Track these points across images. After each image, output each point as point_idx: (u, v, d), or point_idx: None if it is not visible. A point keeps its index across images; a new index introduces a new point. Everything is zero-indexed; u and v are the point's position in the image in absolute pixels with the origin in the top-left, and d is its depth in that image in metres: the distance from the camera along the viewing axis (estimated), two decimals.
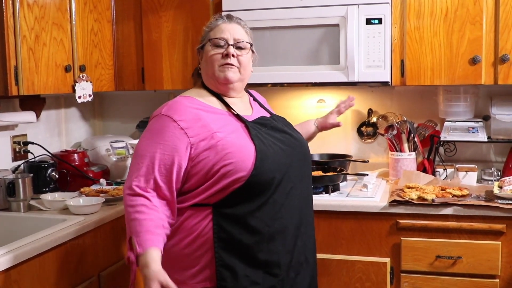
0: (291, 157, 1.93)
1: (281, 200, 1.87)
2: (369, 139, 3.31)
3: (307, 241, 1.99)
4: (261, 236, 1.84)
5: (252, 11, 2.86)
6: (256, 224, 1.83)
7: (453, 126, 3.02)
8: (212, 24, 2.01)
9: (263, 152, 1.84)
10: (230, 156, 1.80)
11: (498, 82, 2.72)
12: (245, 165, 1.80)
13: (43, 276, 2.10)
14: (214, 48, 1.96)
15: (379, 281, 2.57)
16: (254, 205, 1.83)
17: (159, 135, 1.84)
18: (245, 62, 1.98)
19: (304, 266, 1.98)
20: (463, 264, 2.49)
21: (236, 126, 1.90)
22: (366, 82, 2.82)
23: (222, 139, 1.82)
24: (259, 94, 2.25)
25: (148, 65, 3.15)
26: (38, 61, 2.57)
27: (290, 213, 1.91)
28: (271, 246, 1.86)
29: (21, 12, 2.46)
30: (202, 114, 1.88)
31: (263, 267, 1.86)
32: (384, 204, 2.56)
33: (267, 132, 1.94)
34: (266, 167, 1.82)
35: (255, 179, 1.80)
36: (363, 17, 2.76)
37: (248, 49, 2.00)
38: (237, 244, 1.83)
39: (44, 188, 2.84)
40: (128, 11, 3.16)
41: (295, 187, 1.92)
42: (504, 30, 2.68)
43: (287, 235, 1.90)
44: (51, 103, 3.25)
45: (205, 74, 2.01)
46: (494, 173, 2.95)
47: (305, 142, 2.09)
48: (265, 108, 2.13)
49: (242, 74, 1.99)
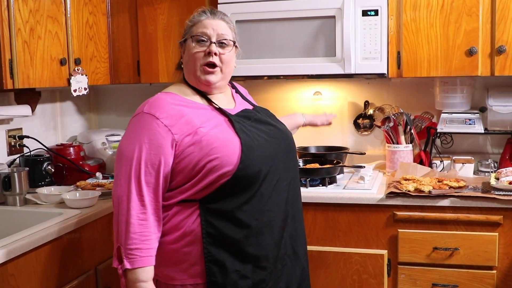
0: (277, 149, 1.91)
1: (268, 193, 1.85)
2: (366, 131, 3.31)
3: (294, 233, 1.97)
4: (250, 230, 1.83)
5: (248, 3, 2.85)
6: (244, 218, 1.81)
7: (450, 118, 3.02)
8: (195, 19, 1.96)
9: (249, 145, 1.81)
10: (215, 151, 1.77)
11: (494, 74, 2.72)
12: (230, 159, 1.77)
13: (39, 270, 2.09)
14: (196, 45, 1.92)
15: (376, 273, 2.58)
16: (241, 199, 1.81)
17: (142, 134, 1.79)
18: (227, 60, 1.93)
19: (292, 258, 1.96)
20: (460, 255, 2.50)
21: (219, 121, 1.87)
22: (363, 74, 2.82)
23: (206, 134, 1.79)
24: (241, 86, 2.22)
25: (144, 58, 3.14)
26: (33, 54, 2.55)
27: (277, 205, 1.89)
28: (259, 239, 1.84)
29: (16, 5, 2.44)
30: (184, 110, 1.85)
31: (252, 261, 1.84)
32: (381, 196, 2.57)
33: (251, 125, 1.91)
34: (252, 160, 1.80)
35: (242, 173, 1.78)
36: (359, 8, 2.76)
37: (232, 46, 1.95)
38: (226, 239, 1.81)
39: (40, 182, 2.83)
40: (123, 4, 3.14)
41: (281, 179, 1.91)
42: (500, 21, 2.67)
43: (274, 228, 1.88)
44: (46, 96, 3.24)
45: (187, 71, 1.97)
46: (490, 165, 2.95)
47: (290, 133, 2.08)
48: (247, 100, 2.11)
49: (224, 72, 1.94)
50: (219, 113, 1.91)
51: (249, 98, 2.17)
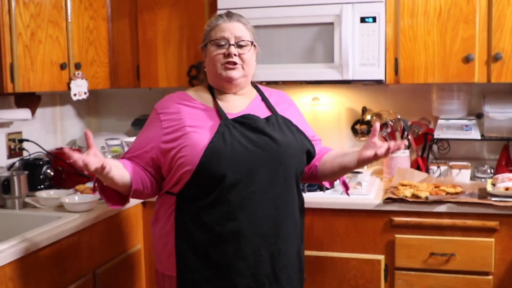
0: (258, 160, 1.87)
1: (236, 202, 1.85)
2: (363, 137, 3.32)
3: (276, 254, 1.91)
4: (212, 235, 1.86)
5: (247, 9, 2.86)
6: (208, 221, 1.87)
7: (447, 124, 3.04)
8: (213, 23, 2.02)
9: (215, 149, 1.84)
10: (184, 149, 1.87)
11: (491, 80, 2.74)
12: (193, 159, 1.84)
13: (38, 273, 2.10)
14: (216, 48, 1.97)
15: (374, 278, 2.59)
16: (207, 201, 1.87)
17: (146, 124, 2.03)
18: (247, 59, 1.99)
19: (271, 279, 1.91)
20: (457, 261, 2.51)
21: (211, 123, 1.93)
22: (360, 80, 2.83)
23: (188, 133, 1.89)
24: (279, 94, 2.18)
25: (143, 63, 3.15)
26: (33, 59, 2.57)
27: (251, 218, 1.86)
28: (222, 247, 1.86)
29: (17, 10, 2.46)
30: (182, 108, 1.96)
31: (213, 267, 1.87)
32: (378, 202, 2.58)
33: (241, 131, 1.90)
34: (214, 163, 1.83)
35: (201, 174, 1.84)
36: (357, 15, 2.78)
37: (250, 45, 2.00)
38: (192, 238, 1.89)
39: (39, 186, 2.85)
40: (124, 9, 3.16)
41: (259, 192, 1.87)
42: (497, 28, 2.70)
43: (242, 240, 1.86)
44: (47, 100, 3.25)
45: (209, 73, 2.04)
46: (487, 171, 2.97)
47: (293, 148, 1.95)
48: (271, 109, 2.05)
49: (246, 70, 1.99)
50: (218, 116, 1.95)
51: (278, 107, 2.07)
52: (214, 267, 1.88)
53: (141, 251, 2.85)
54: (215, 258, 1.87)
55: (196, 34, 2.99)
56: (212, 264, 1.88)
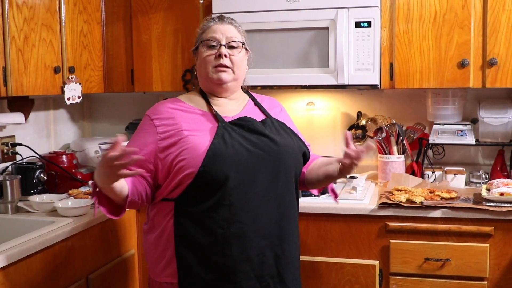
0: (260, 161, 1.88)
1: (239, 204, 1.84)
2: (358, 141, 3.32)
3: (281, 255, 1.92)
4: (216, 238, 1.84)
5: (242, 13, 2.86)
6: (211, 224, 1.84)
7: (442, 129, 3.04)
8: (205, 26, 2.03)
9: (217, 151, 1.83)
10: (184, 152, 1.84)
11: (486, 86, 2.74)
12: (195, 161, 1.82)
13: (31, 279, 2.08)
14: (207, 49, 1.98)
15: (368, 284, 2.58)
16: (209, 204, 1.84)
17: (137, 131, 1.98)
18: (238, 61, 1.99)
19: (276, 281, 1.91)
20: (452, 266, 2.50)
21: (209, 126, 1.92)
22: (355, 85, 2.83)
23: (186, 137, 1.87)
24: (271, 99, 2.19)
25: (138, 67, 3.14)
26: (27, 62, 2.55)
27: (254, 219, 1.86)
28: (226, 250, 1.84)
29: (10, 13, 2.45)
30: (177, 113, 1.95)
31: (217, 271, 1.85)
32: (373, 207, 2.57)
33: (240, 133, 1.91)
34: (216, 165, 1.82)
35: (204, 176, 1.82)
36: (352, 20, 2.78)
37: (241, 47, 2.00)
38: (194, 243, 1.86)
39: (32, 190, 2.83)
40: (118, 13, 3.15)
41: (261, 193, 1.87)
42: (492, 34, 2.70)
43: (246, 242, 1.85)
44: (40, 104, 3.24)
45: (200, 76, 2.04)
46: (482, 176, 2.97)
47: (292, 149, 1.97)
48: (265, 113, 2.06)
49: (236, 73, 1.99)
50: (215, 120, 1.94)
51: (271, 112, 2.09)
52: (218, 271, 1.85)
53: (134, 256, 2.84)
54: (218, 261, 1.85)
55: (191, 38, 2.97)
56: (216, 268, 1.85)
